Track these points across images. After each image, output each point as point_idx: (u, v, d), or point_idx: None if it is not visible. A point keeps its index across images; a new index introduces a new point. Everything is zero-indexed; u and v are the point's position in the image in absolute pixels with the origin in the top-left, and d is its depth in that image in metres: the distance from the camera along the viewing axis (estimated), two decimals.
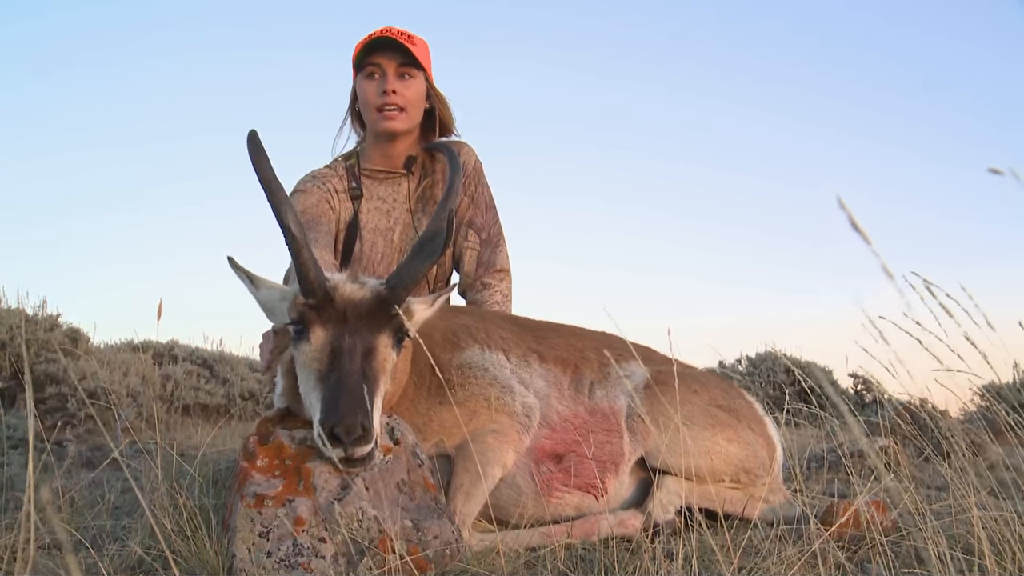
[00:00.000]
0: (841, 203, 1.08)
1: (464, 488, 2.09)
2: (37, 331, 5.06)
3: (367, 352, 1.82)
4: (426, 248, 1.98)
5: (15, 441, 3.80)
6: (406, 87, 2.93)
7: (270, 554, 1.66)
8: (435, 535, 1.82)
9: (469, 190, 3.13)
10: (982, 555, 1.55)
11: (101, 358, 5.49)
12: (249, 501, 1.73)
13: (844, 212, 1.08)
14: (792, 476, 2.81)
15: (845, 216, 1.09)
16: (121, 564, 1.84)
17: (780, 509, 2.38)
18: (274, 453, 1.87)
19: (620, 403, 2.40)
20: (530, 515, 2.22)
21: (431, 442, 2.17)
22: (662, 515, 2.22)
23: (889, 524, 2.05)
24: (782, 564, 1.73)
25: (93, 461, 3.46)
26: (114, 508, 2.48)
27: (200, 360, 6.83)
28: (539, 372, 2.41)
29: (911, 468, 3.07)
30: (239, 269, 2.02)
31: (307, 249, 1.83)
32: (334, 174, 3.04)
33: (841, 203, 1.08)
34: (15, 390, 4.67)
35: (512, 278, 3.17)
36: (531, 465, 2.23)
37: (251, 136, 1.91)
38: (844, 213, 1.08)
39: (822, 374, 6.71)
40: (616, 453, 2.32)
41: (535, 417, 2.27)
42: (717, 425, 2.37)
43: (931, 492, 2.87)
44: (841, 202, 1.08)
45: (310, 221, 2.81)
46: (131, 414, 4.58)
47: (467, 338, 2.37)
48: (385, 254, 3.07)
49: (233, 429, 5.02)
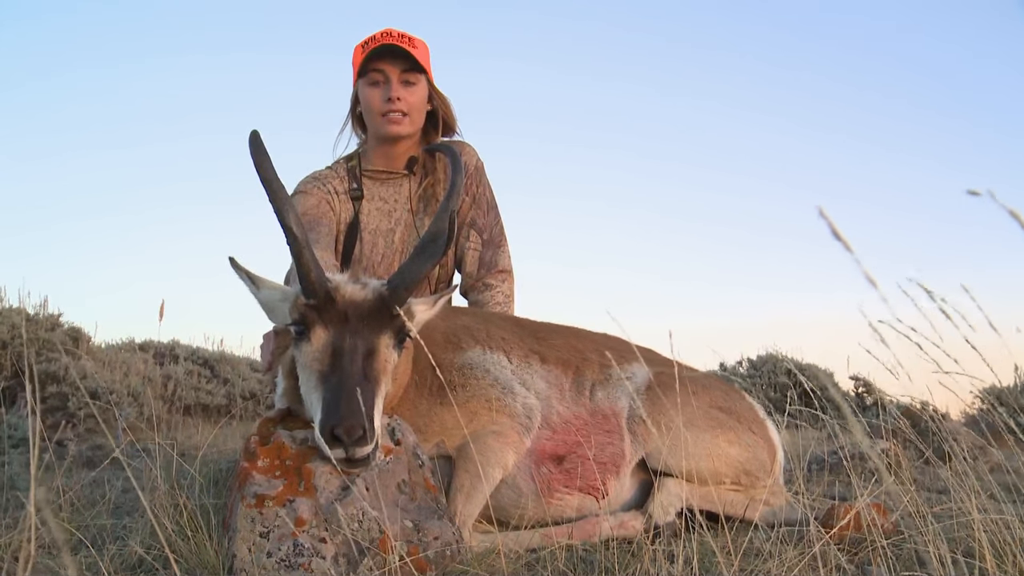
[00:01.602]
0: (822, 212, 1.08)
1: (465, 489, 2.09)
2: (38, 330, 5.06)
3: (368, 353, 1.82)
4: (427, 249, 1.98)
5: (15, 440, 3.81)
6: (410, 93, 2.94)
7: (270, 554, 1.66)
8: (435, 536, 1.82)
9: (471, 190, 3.13)
10: (983, 558, 1.55)
11: (102, 358, 5.49)
12: (250, 501, 1.73)
13: (825, 221, 1.08)
14: (793, 478, 2.81)
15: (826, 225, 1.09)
16: (121, 564, 1.84)
17: (781, 511, 2.37)
18: (275, 453, 1.87)
19: (621, 405, 2.40)
20: (531, 516, 2.22)
21: (432, 443, 2.17)
22: (663, 517, 2.22)
23: (890, 527, 2.05)
24: (783, 566, 1.73)
25: (94, 460, 3.46)
26: (114, 507, 2.49)
27: (201, 360, 6.84)
28: (540, 373, 2.41)
29: (912, 471, 3.07)
30: (240, 269, 2.03)
31: (308, 250, 1.83)
32: (335, 175, 3.05)
33: (822, 212, 1.08)
34: (16, 389, 4.67)
35: (514, 279, 3.17)
36: (532, 466, 2.23)
37: (253, 136, 1.91)
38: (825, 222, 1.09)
39: (824, 376, 6.70)
40: (617, 455, 2.32)
41: (536, 418, 2.27)
42: (718, 427, 2.37)
43: (932, 495, 2.86)
44: (822, 211, 1.08)
45: (311, 222, 2.81)
46: (132, 414, 4.58)
47: (468, 339, 2.37)
48: (386, 255, 3.07)
49: (234, 429, 5.02)
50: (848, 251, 1.12)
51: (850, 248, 1.12)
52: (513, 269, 3.18)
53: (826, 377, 5.04)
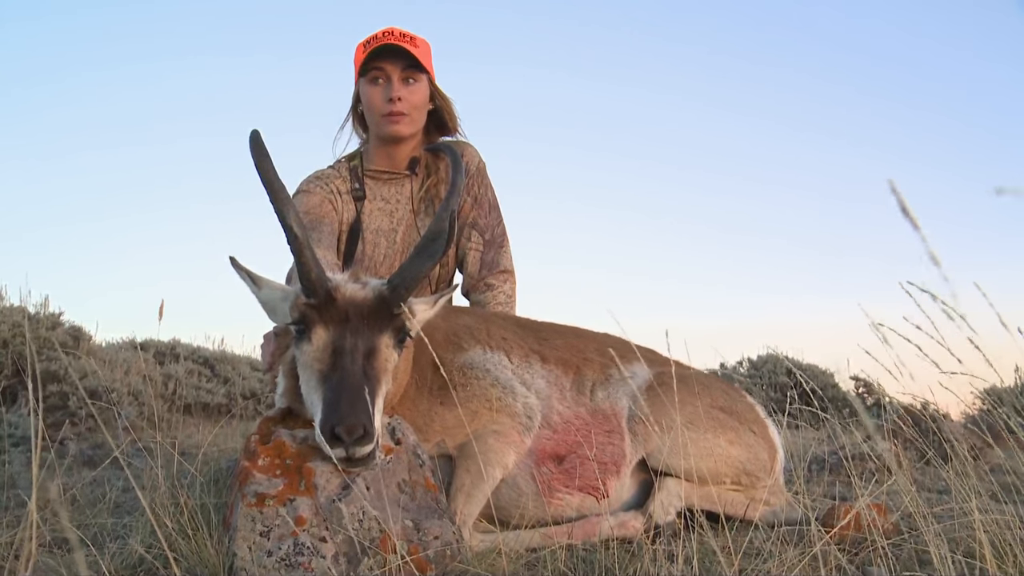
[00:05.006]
0: (893, 187, 1.07)
1: (465, 488, 2.09)
2: (39, 329, 5.06)
3: (369, 352, 1.82)
4: (428, 248, 1.98)
5: (16, 439, 3.81)
6: (411, 92, 2.94)
7: (271, 553, 1.66)
8: (436, 535, 1.82)
9: (472, 191, 3.13)
10: (983, 558, 1.55)
11: (103, 357, 5.49)
12: (250, 500, 1.74)
13: (895, 197, 1.07)
14: (793, 478, 2.81)
15: (896, 201, 1.07)
16: (122, 563, 1.84)
17: (781, 511, 2.37)
18: (275, 452, 1.87)
19: (622, 404, 2.40)
20: (531, 516, 2.22)
21: (432, 442, 2.17)
22: (663, 517, 2.22)
23: (890, 527, 2.05)
24: (783, 566, 1.73)
25: (94, 459, 3.46)
26: (115, 506, 2.49)
27: (202, 359, 6.84)
28: (541, 373, 2.41)
29: (912, 471, 3.07)
30: (241, 269, 2.03)
31: (309, 249, 1.83)
32: (337, 175, 3.04)
33: (893, 187, 1.07)
34: (16, 388, 4.67)
35: (516, 279, 3.17)
36: (532, 466, 2.23)
37: (253, 136, 1.91)
38: (895, 198, 1.07)
39: (826, 378, 6.70)
40: (617, 454, 2.32)
41: (536, 418, 2.27)
42: (719, 427, 2.37)
43: (932, 495, 2.86)
44: (892, 186, 1.07)
45: (313, 221, 2.81)
46: (132, 413, 4.58)
47: (469, 339, 2.37)
48: (387, 255, 3.07)
49: (234, 428, 5.02)
50: (915, 228, 1.10)
51: (917, 224, 1.10)
52: (515, 269, 3.18)
53: (829, 378, 5.00)
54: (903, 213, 1.08)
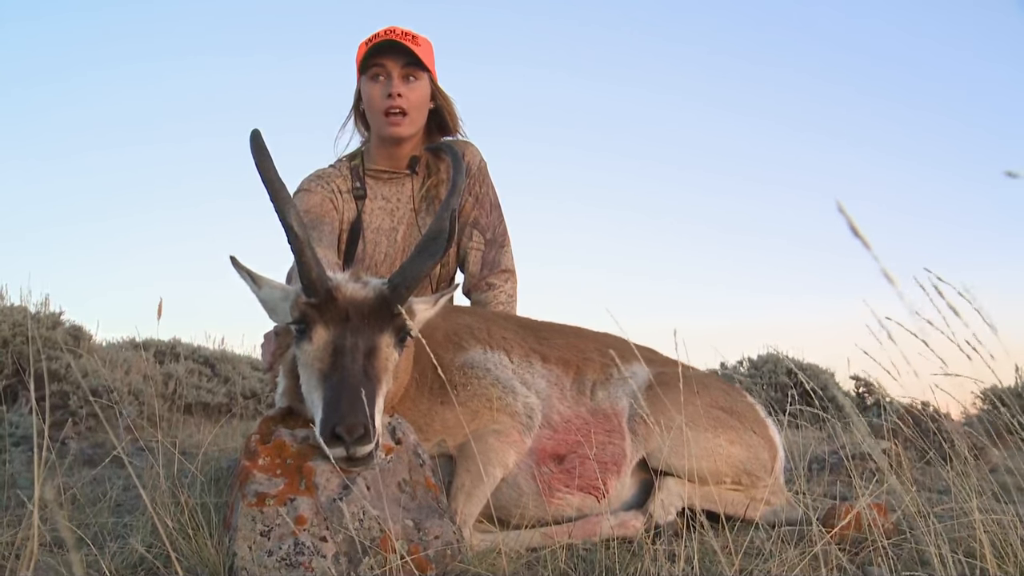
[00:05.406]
0: (840, 208, 1.08)
1: (465, 488, 2.09)
2: (40, 328, 5.06)
3: (369, 352, 1.82)
4: (429, 248, 1.98)
5: (17, 438, 3.81)
6: (411, 90, 2.93)
7: (271, 553, 1.66)
8: (436, 535, 1.82)
9: (473, 190, 3.13)
10: (984, 558, 1.55)
11: (103, 356, 5.49)
12: (251, 500, 1.74)
13: (843, 217, 1.08)
14: (794, 478, 2.81)
15: (844, 221, 1.08)
16: (122, 562, 1.84)
17: (782, 511, 2.37)
18: (276, 452, 1.87)
19: (622, 404, 2.40)
20: (531, 515, 2.22)
21: (433, 442, 2.17)
22: (663, 516, 2.22)
23: (891, 527, 2.05)
24: (783, 566, 1.73)
25: (95, 459, 3.47)
26: (115, 506, 2.49)
27: (202, 359, 6.84)
28: (541, 373, 2.41)
29: (913, 471, 3.07)
30: (241, 268, 2.03)
31: (309, 248, 1.83)
32: (338, 174, 3.05)
33: (840, 208, 1.08)
34: (17, 387, 4.67)
35: (517, 278, 3.17)
36: (533, 466, 2.23)
37: (254, 135, 1.91)
38: (843, 218, 1.08)
39: (827, 377, 6.70)
40: (618, 454, 2.32)
41: (537, 418, 2.27)
42: (719, 427, 2.37)
43: (933, 495, 2.86)
44: (840, 207, 1.08)
45: (313, 220, 2.81)
46: (133, 412, 4.58)
47: (469, 338, 2.37)
48: (388, 254, 3.07)
49: (235, 428, 5.02)
50: (866, 248, 1.12)
51: (868, 245, 1.11)
52: (516, 269, 3.18)
53: (828, 377, 5.03)
54: (853, 233, 1.09)
